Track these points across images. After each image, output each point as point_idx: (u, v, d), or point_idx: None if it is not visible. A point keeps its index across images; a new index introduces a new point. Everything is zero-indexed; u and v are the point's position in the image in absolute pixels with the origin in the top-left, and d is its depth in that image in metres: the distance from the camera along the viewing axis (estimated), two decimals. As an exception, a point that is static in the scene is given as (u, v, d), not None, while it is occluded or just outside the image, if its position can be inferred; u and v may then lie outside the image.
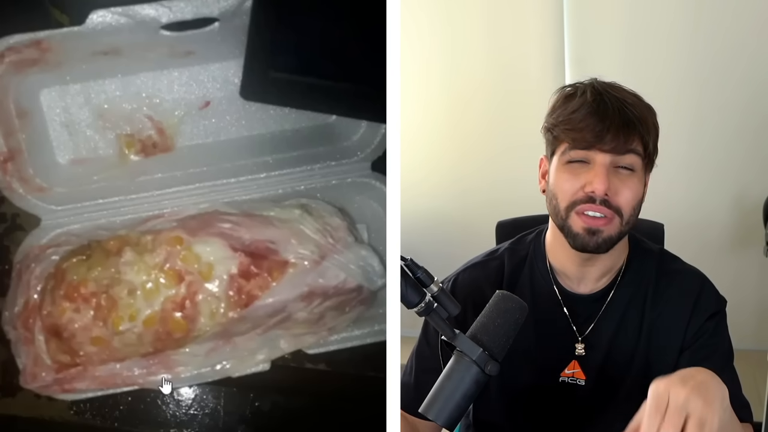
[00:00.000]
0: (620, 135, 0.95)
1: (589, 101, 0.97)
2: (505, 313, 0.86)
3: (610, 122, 0.95)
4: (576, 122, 0.97)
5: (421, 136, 2.61)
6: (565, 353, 1.04)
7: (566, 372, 1.04)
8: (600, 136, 0.95)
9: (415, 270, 0.83)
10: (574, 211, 0.98)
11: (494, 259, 1.11)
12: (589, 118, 0.96)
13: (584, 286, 1.05)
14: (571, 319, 1.04)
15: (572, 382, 1.04)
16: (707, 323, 1.02)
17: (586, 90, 0.99)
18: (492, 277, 1.08)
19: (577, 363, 1.04)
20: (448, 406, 0.83)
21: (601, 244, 0.97)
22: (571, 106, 0.98)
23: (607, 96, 0.98)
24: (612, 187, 0.96)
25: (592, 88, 0.99)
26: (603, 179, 0.95)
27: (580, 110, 0.97)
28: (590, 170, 0.97)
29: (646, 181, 1.01)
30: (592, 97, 0.98)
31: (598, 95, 0.98)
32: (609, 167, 0.96)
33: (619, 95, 0.98)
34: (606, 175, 0.96)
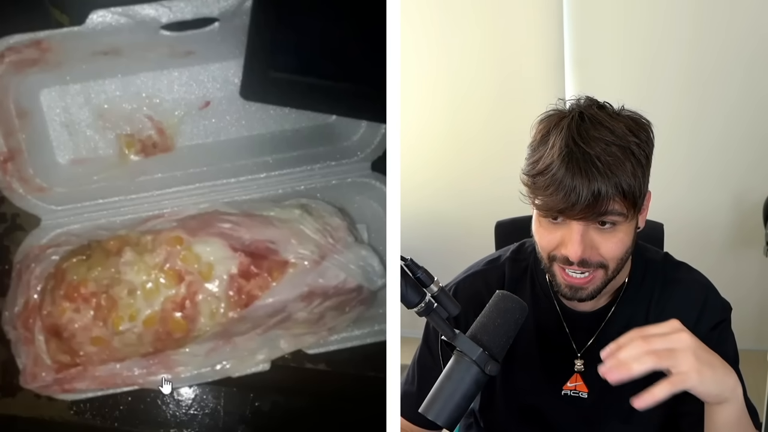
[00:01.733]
0: (592, 204, 0.87)
1: (556, 160, 0.88)
2: (505, 313, 0.86)
3: (580, 192, 0.86)
4: (544, 187, 0.89)
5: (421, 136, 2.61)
6: (566, 367, 1.04)
7: (568, 385, 1.04)
8: (569, 206, 0.88)
9: (415, 270, 0.83)
10: (555, 262, 0.95)
11: (495, 268, 1.10)
12: (555, 186, 0.88)
13: (585, 304, 1.01)
14: (570, 334, 1.04)
15: (575, 395, 1.03)
16: (711, 333, 1.00)
17: (557, 138, 0.89)
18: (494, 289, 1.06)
19: (580, 377, 1.04)
20: (448, 406, 0.83)
21: (587, 297, 0.95)
22: (541, 162, 0.90)
23: (578, 153, 0.87)
24: (591, 245, 0.91)
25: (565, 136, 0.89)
26: (577, 245, 0.90)
27: (547, 171, 0.88)
28: (566, 229, 0.91)
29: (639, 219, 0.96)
30: (560, 153, 0.88)
31: (568, 151, 0.88)
32: (585, 227, 0.90)
33: (593, 150, 0.87)
34: (580, 241, 0.90)
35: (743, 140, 2.30)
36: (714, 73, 2.25)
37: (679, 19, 2.24)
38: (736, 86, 2.25)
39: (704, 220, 2.39)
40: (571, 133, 0.89)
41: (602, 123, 0.90)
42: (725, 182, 2.36)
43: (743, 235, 2.38)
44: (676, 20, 2.25)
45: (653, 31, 2.28)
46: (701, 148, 2.34)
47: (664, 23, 2.26)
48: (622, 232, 0.92)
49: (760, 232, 2.07)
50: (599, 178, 0.87)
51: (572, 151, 0.88)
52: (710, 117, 2.31)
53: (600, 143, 0.88)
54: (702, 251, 2.36)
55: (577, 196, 0.87)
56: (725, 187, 2.37)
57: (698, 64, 2.26)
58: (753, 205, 2.16)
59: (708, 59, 2.25)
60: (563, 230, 0.92)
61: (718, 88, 2.26)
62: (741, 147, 2.31)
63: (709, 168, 2.37)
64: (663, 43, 2.28)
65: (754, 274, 2.39)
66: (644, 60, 2.29)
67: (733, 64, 2.23)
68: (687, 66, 2.27)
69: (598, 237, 0.91)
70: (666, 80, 2.29)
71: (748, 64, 2.22)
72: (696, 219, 2.38)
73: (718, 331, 1.01)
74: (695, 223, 2.37)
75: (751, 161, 2.31)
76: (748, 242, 2.35)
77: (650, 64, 2.29)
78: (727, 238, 2.41)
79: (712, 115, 2.30)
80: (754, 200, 2.15)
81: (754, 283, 2.39)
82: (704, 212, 2.39)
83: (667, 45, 2.27)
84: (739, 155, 2.32)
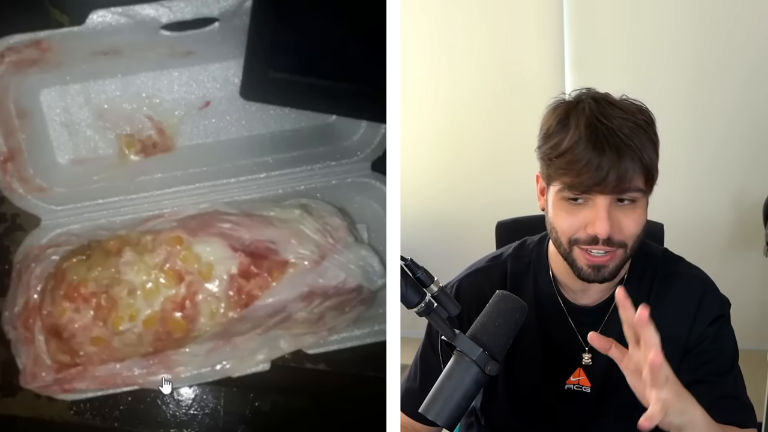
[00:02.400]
0: (620, 177, 0.90)
1: (584, 137, 0.91)
2: (506, 313, 0.86)
3: (609, 166, 0.89)
4: (571, 164, 0.91)
5: (421, 136, 2.61)
6: (571, 362, 1.04)
7: (572, 379, 1.04)
8: (599, 182, 0.90)
9: (415, 270, 0.83)
10: (577, 246, 0.95)
11: (497, 264, 1.10)
12: (585, 162, 0.90)
13: (587, 298, 1.04)
14: (576, 328, 1.04)
15: (578, 389, 1.04)
16: (710, 328, 1.01)
17: (579, 118, 0.93)
18: (496, 285, 1.07)
19: (583, 371, 1.04)
20: (448, 406, 0.83)
21: (607, 276, 0.96)
22: (566, 141, 0.92)
23: (604, 129, 0.91)
24: (615, 224, 0.93)
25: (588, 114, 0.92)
26: (605, 222, 0.91)
27: (575, 149, 0.91)
28: (590, 209, 0.93)
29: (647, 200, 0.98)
30: (586, 130, 0.91)
31: (593, 128, 0.91)
32: (610, 204, 0.92)
33: (616, 125, 0.91)
34: (608, 218, 0.92)
35: (743, 140, 2.30)
36: (714, 73, 2.26)
37: (680, 20, 2.24)
38: (736, 86, 2.25)
39: (704, 221, 2.39)
40: (593, 111, 0.93)
41: (614, 104, 0.95)
42: (725, 182, 2.36)
43: (743, 235, 2.38)
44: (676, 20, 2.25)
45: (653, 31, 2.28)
46: (701, 148, 2.35)
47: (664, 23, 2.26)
48: (640, 208, 0.95)
49: (760, 232, 2.07)
50: (627, 152, 0.90)
51: (598, 128, 0.91)
52: (710, 117, 2.31)
53: (619, 120, 0.92)
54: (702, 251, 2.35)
55: (605, 172, 0.89)
56: (725, 187, 2.37)
57: (698, 64, 2.27)
58: (753, 205, 2.16)
59: (708, 59, 2.25)
60: (586, 211, 0.93)
61: (719, 88, 2.27)
62: (741, 147, 2.31)
63: (710, 168, 2.37)
64: (663, 44, 2.28)
65: (755, 274, 2.39)
66: (644, 60, 2.30)
67: (733, 64, 2.23)
68: (687, 66, 2.27)
69: (620, 214, 0.93)
70: (666, 80, 2.29)
71: (748, 64, 2.22)
72: (696, 219, 2.38)
73: (717, 327, 1.02)
74: (695, 223, 2.37)
75: (751, 161, 2.31)
76: (748, 242, 2.35)
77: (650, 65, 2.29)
78: (727, 238, 2.41)
79: (713, 115, 2.30)
80: (754, 200, 2.16)
81: (754, 283, 2.40)
82: (704, 212, 2.39)
83: (667, 45, 2.28)
84: (740, 155, 2.32)
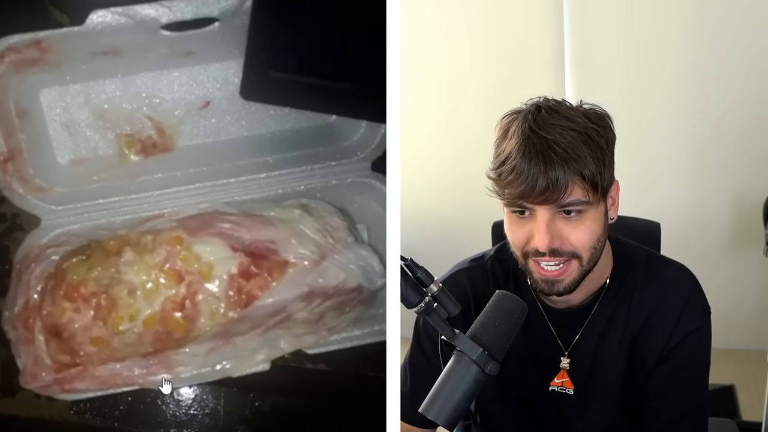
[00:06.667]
0: (550, 187, 0.88)
1: (515, 148, 0.90)
2: (505, 313, 0.86)
3: (537, 175, 0.88)
4: (506, 175, 0.90)
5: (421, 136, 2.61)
6: (553, 365, 1.05)
7: (555, 382, 1.04)
8: (528, 192, 0.89)
9: (415, 270, 0.83)
10: (530, 258, 0.95)
11: (479, 266, 1.10)
12: (517, 173, 0.89)
13: (567, 302, 1.02)
14: (556, 333, 1.04)
15: (561, 391, 1.04)
16: (689, 338, 1.00)
17: (516, 129, 0.92)
18: (479, 286, 1.07)
19: (566, 373, 1.04)
20: (447, 406, 0.83)
21: (563, 290, 0.95)
22: (503, 153, 0.92)
23: (535, 138, 0.89)
24: (560, 235, 0.92)
25: (523, 125, 0.91)
26: (543, 235, 0.91)
27: (507, 161, 0.90)
28: (534, 222, 0.92)
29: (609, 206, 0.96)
30: (518, 141, 0.90)
31: (526, 138, 0.90)
32: (551, 216, 0.91)
33: (551, 134, 0.89)
34: (546, 230, 0.91)
35: (743, 140, 2.30)
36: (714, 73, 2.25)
37: (680, 20, 2.24)
38: (736, 86, 2.25)
39: (704, 221, 2.39)
40: (528, 122, 0.91)
41: (558, 112, 0.92)
42: (725, 182, 2.36)
43: (743, 235, 2.38)
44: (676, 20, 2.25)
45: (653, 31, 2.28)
46: (701, 148, 2.34)
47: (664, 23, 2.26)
48: (589, 220, 0.93)
49: (760, 232, 2.07)
50: (557, 162, 0.88)
51: (529, 138, 0.90)
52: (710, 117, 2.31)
53: (556, 129, 0.90)
54: (702, 251, 2.37)
55: (534, 180, 0.88)
56: (725, 187, 2.37)
57: (698, 65, 2.26)
58: (753, 205, 2.16)
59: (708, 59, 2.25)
60: (531, 223, 0.93)
61: (718, 88, 2.26)
62: (741, 147, 2.31)
63: (709, 168, 2.36)
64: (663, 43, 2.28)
65: (754, 274, 2.39)
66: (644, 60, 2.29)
67: (733, 64, 2.23)
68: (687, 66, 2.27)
69: (566, 226, 0.92)
70: (666, 80, 2.29)
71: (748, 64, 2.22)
72: (696, 219, 2.38)
73: (697, 337, 1.01)
74: (695, 223, 2.37)
75: (751, 161, 2.31)
76: (748, 242, 2.35)
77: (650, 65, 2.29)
78: (726, 238, 2.41)
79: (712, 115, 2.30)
80: (754, 200, 2.16)
81: (753, 283, 2.40)
82: (704, 212, 2.39)
83: (667, 45, 2.27)
84: (739, 155, 2.32)
